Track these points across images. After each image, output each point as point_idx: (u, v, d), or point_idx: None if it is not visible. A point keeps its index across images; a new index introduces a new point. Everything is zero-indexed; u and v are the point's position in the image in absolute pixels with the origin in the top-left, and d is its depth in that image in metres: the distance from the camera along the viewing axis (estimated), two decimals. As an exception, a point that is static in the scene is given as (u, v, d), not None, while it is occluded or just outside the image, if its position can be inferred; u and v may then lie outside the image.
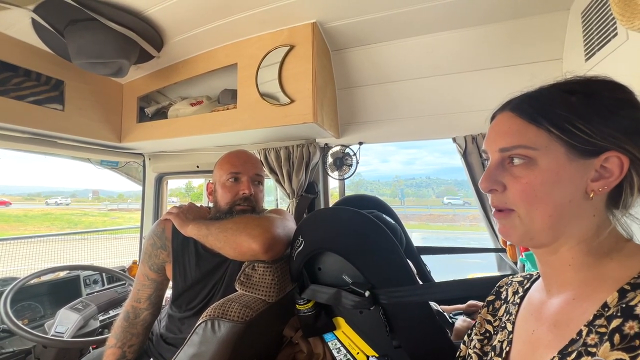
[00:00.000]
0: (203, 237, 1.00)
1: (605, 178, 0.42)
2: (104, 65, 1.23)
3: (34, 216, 21.45)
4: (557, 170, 0.43)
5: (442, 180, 26.37)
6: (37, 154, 1.71)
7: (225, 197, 1.08)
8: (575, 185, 0.43)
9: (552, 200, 0.43)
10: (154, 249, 1.10)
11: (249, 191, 1.07)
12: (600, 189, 0.42)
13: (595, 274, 0.44)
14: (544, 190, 0.43)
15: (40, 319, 1.57)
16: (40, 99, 1.33)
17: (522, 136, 0.45)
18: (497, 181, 0.47)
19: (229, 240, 0.96)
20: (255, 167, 1.13)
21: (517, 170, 0.45)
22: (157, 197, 2.12)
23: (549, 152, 0.43)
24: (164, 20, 1.22)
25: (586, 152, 0.42)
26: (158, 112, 1.71)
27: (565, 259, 0.46)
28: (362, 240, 0.89)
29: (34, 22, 1.15)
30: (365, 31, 1.26)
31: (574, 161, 0.42)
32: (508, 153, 0.46)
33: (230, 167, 1.10)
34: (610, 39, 0.86)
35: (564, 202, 0.43)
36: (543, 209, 0.44)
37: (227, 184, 1.09)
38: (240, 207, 1.08)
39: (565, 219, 0.44)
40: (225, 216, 1.07)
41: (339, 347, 0.95)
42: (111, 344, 1.07)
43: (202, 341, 0.80)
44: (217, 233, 0.97)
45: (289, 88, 1.24)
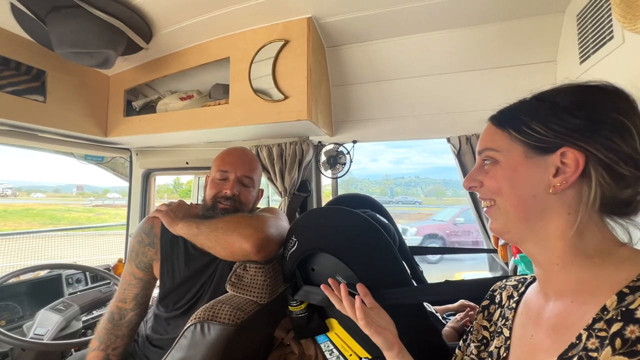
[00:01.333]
0: (193, 236, 0.97)
1: (564, 173, 0.44)
2: (89, 55, 1.17)
3: (15, 211, 20.73)
4: (515, 167, 0.49)
5: (430, 180, 26.73)
6: (17, 147, 1.63)
7: (210, 193, 1.08)
8: (536, 181, 0.47)
9: (515, 193, 0.49)
10: (141, 246, 1.07)
11: (230, 191, 1.06)
12: (559, 184, 0.44)
13: (590, 276, 0.44)
14: (507, 184, 0.49)
15: (18, 320, 1.50)
16: (20, 89, 1.26)
17: (490, 141, 0.53)
18: (475, 179, 0.55)
19: (220, 240, 0.93)
20: (245, 168, 1.10)
21: (487, 168, 0.53)
22: (144, 194, 2.06)
23: (509, 152, 0.50)
24: (153, 9, 1.17)
25: (541, 149, 0.46)
26: (146, 106, 1.65)
27: (551, 258, 0.47)
28: (356, 241, 0.87)
29: (13, 8, 1.08)
30: (361, 28, 1.25)
31: (531, 159, 0.47)
32: (482, 155, 0.54)
33: (220, 164, 1.10)
34: (606, 42, 0.86)
35: (527, 197, 0.47)
36: (510, 201, 0.49)
37: (215, 180, 1.09)
38: (221, 205, 1.06)
39: (534, 214, 0.47)
40: (209, 212, 1.05)
41: (332, 349, 0.93)
42: (94, 346, 1.02)
43: (190, 345, 0.77)
44: (208, 232, 0.94)
45: (283, 84, 1.21)
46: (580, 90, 0.47)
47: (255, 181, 1.14)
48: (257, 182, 1.16)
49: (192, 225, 0.98)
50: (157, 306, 1.08)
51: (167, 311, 1.04)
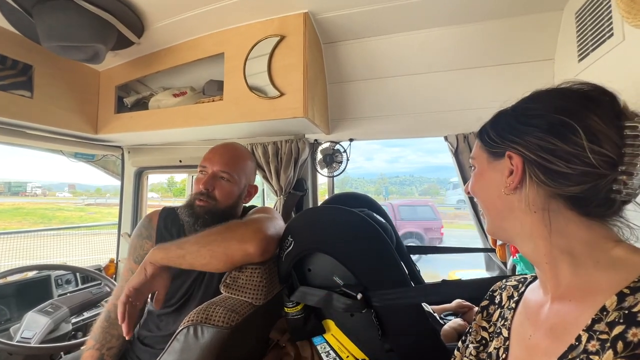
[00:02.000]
0: (178, 258, 0.88)
1: (513, 174, 0.48)
2: (78, 49, 1.13)
3: (4, 210, 20.34)
4: (482, 172, 0.55)
5: (425, 179, 26.94)
6: (3, 144, 1.58)
7: (194, 189, 1.07)
8: (496, 183, 0.51)
9: (483, 195, 0.55)
10: (139, 240, 1.09)
11: (203, 186, 1.02)
12: (507, 185, 0.49)
13: (585, 275, 0.43)
14: (477, 187, 0.56)
15: (5, 322, 1.46)
16: (5, 84, 1.22)
17: (475, 149, 0.58)
18: (469, 185, 0.59)
19: (217, 253, 0.87)
20: (222, 163, 1.05)
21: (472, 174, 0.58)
22: (137, 193, 2.02)
23: (479, 159, 0.55)
24: (145, 2, 1.13)
25: (495, 154, 0.51)
26: (138, 102, 1.61)
27: (539, 257, 0.48)
28: (354, 241, 0.86)
29: (-3, -1, 1.04)
30: (359, 24, 1.23)
31: (491, 163, 0.53)
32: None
33: (202, 162, 1.08)
34: (605, 40, 0.86)
35: (492, 197, 0.52)
36: (482, 202, 0.56)
37: (198, 176, 1.08)
38: (198, 202, 1.02)
39: (503, 213, 0.51)
40: (188, 210, 1.02)
41: (328, 351, 0.91)
42: (89, 345, 1.00)
43: (183, 348, 0.75)
44: (197, 249, 0.87)
45: (278, 80, 1.19)
46: (532, 96, 0.50)
47: (234, 177, 1.06)
48: (238, 177, 1.08)
49: (172, 248, 0.89)
50: (150, 303, 1.07)
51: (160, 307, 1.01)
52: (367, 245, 0.85)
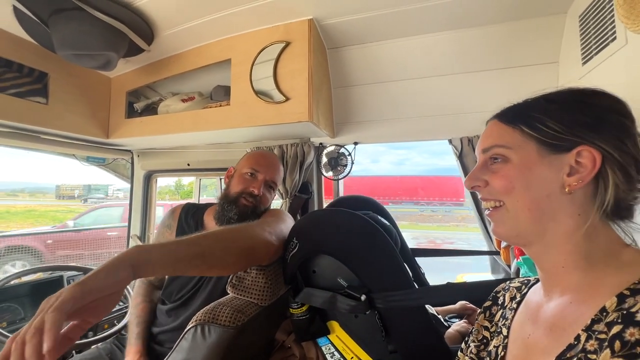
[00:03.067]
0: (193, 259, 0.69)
1: (580, 173, 0.44)
2: (91, 57, 1.17)
3: (17, 213, 20.80)
4: (529, 165, 0.47)
5: (432, 181, 26.72)
6: (20, 149, 1.63)
7: (237, 187, 1.13)
8: (550, 180, 0.45)
9: (529, 193, 0.46)
10: (162, 227, 1.23)
11: (257, 190, 1.11)
12: (575, 183, 0.44)
13: (592, 277, 0.44)
14: (520, 183, 0.47)
15: (20, 321, 1.50)
16: (23, 91, 1.27)
17: (500, 137, 0.50)
18: (478, 178, 0.52)
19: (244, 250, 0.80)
20: (273, 173, 1.18)
21: (495, 167, 0.50)
22: (146, 195, 2.06)
23: (521, 149, 0.47)
24: (155, 12, 1.17)
25: (557, 147, 0.45)
26: (148, 107, 1.66)
27: (557, 260, 0.46)
28: (358, 243, 0.87)
29: (15, 10, 1.09)
30: (363, 29, 1.24)
31: (545, 157, 0.46)
32: (488, 153, 0.51)
33: (253, 163, 1.16)
34: (609, 43, 0.86)
35: (540, 196, 0.46)
36: (522, 201, 0.47)
37: (244, 175, 1.14)
38: (244, 201, 1.11)
39: (547, 214, 0.46)
40: (229, 206, 1.10)
41: (333, 352, 0.92)
42: (138, 301, 1.17)
43: (191, 347, 0.77)
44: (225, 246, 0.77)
45: (284, 85, 1.21)
46: (587, 93, 0.47)
47: (276, 187, 1.22)
48: (276, 189, 1.24)
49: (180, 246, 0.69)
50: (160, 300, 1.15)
51: (169, 301, 1.10)
52: (371, 247, 0.86)
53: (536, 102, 0.49)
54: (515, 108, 0.52)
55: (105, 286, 0.56)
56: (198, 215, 1.22)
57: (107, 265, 0.58)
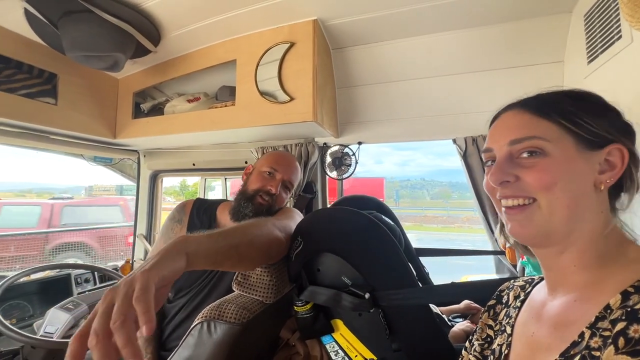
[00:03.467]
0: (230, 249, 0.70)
1: (610, 170, 0.44)
2: (99, 58, 1.20)
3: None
4: (568, 160, 0.44)
5: (437, 182, 26.59)
6: (29, 149, 1.67)
7: (255, 184, 1.14)
8: (585, 178, 0.44)
9: (569, 190, 0.44)
10: (171, 222, 1.20)
11: (274, 189, 1.12)
12: (608, 181, 0.43)
13: (598, 275, 0.44)
14: (562, 178, 0.44)
15: (29, 318, 1.53)
16: (33, 92, 1.29)
17: (534, 128, 0.46)
18: (508, 173, 0.46)
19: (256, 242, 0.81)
20: (291, 174, 1.19)
21: (530, 161, 0.45)
22: (152, 195, 2.08)
23: (560, 143, 0.44)
24: (162, 14, 1.19)
25: (593, 144, 0.44)
26: (154, 108, 1.68)
27: (571, 259, 0.46)
28: (361, 242, 0.87)
29: (26, 13, 1.11)
30: (367, 30, 1.25)
31: (582, 153, 0.44)
32: (520, 145, 0.46)
33: (272, 162, 1.17)
34: (614, 42, 0.86)
35: (578, 194, 0.44)
36: (562, 198, 0.43)
37: (262, 174, 1.15)
38: (260, 199, 1.12)
39: (581, 213, 0.44)
40: (246, 202, 1.11)
41: (337, 350, 0.93)
42: None
43: (197, 343, 0.78)
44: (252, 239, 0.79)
45: (288, 86, 1.22)
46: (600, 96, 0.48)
47: (293, 189, 1.24)
48: (292, 190, 1.25)
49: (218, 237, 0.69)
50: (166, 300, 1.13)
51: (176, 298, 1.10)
52: (375, 246, 0.86)
53: (559, 96, 0.48)
54: (541, 99, 0.49)
55: (172, 272, 0.52)
56: (210, 211, 1.22)
57: (167, 252, 0.54)
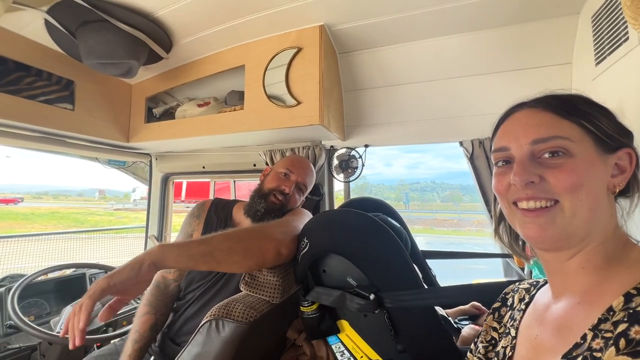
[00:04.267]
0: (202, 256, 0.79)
1: (620, 174, 0.44)
2: (114, 65, 1.24)
3: (42, 214, 21.74)
4: (592, 161, 0.43)
5: (447, 185, 26.27)
6: (47, 152, 1.73)
7: (271, 184, 1.18)
8: (603, 180, 0.44)
9: (593, 191, 0.43)
10: (190, 218, 1.25)
11: (288, 189, 1.16)
12: (621, 184, 0.44)
13: (603, 278, 0.44)
14: (588, 180, 0.42)
15: (46, 315, 1.58)
16: (51, 98, 1.35)
17: (557, 128, 0.45)
18: (533, 173, 0.45)
19: (252, 250, 0.85)
20: (305, 177, 1.23)
21: (555, 161, 0.44)
22: (163, 197, 2.13)
23: (582, 144, 0.44)
24: (173, 22, 1.23)
25: (609, 147, 0.44)
26: (166, 112, 1.73)
27: (580, 262, 0.45)
28: (367, 243, 0.88)
29: (46, 23, 1.17)
30: (373, 34, 1.27)
31: (601, 156, 0.44)
32: (544, 145, 0.45)
33: (289, 164, 1.22)
34: (622, 44, 0.85)
35: (599, 197, 0.43)
36: (587, 200, 0.42)
37: (279, 174, 1.20)
38: (274, 198, 1.16)
39: (599, 216, 0.44)
40: (259, 200, 1.15)
41: (343, 350, 0.94)
42: (144, 311, 1.11)
43: (206, 341, 0.80)
44: (231, 245, 0.83)
45: (295, 90, 1.25)
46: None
47: (307, 191, 1.27)
48: (306, 193, 1.28)
49: (191, 245, 0.81)
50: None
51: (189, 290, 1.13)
52: (379, 247, 0.87)
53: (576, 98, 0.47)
54: (560, 99, 0.47)
55: (128, 279, 0.71)
56: (227, 209, 1.27)
57: (131, 262, 0.73)
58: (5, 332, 1.41)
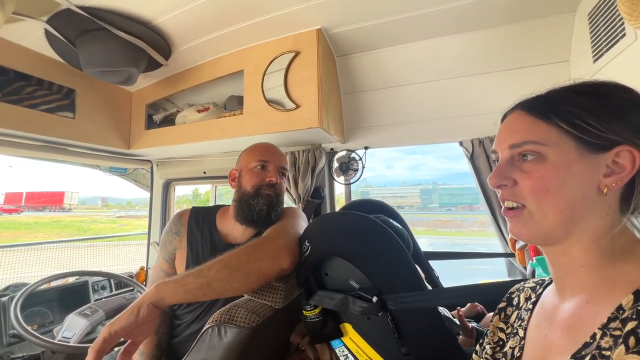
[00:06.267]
0: (200, 289, 0.79)
1: (617, 173, 0.42)
2: (114, 73, 1.25)
3: (44, 223, 21.82)
4: (567, 164, 0.43)
5: (448, 186, 26.26)
6: (49, 161, 1.74)
7: (252, 181, 1.08)
8: (587, 181, 0.43)
9: (563, 195, 0.43)
10: (169, 235, 1.14)
11: (275, 179, 1.08)
12: (613, 185, 0.42)
13: (609, 276, 0.43)
14: (556, 184, 0.43)
15: (49, 324, 1.58)
16: (52, 107, 1.36)
17: (532, 132, 0.46)
18: (506, 177, 0.47)
19: (251, 274, 0.84)
20: (281, 160, 1.14)
21: (528, 166, 0.46)
22: (165, 204, 2.14)
23: (559, 147, 0.44)
24: (172, 29, 1.24)
25: (597, 146, 0.43)
26: (166, 119, 1.74)
27: (577, 259, 0.45)
28: (368, 245, 0.88)
29: (46, 33, 1.18)
30: (370, 36, 1.27)
31: (585, 156, 0.43)
32: (518, 149, 0.47)
33: (259, 155, 1.11)
34: (619, 40, 0.85)
35: (576, 198, 0.43)
36: (555, 203, 0.44)
37: (254, 170, 1.09)
38: (266, 191, 1.07)
39: (578, 216, 0.44)
40: (253, 200, 1.06)
41: (347, 354, 0.93)
42: None
43: (208, 347, 0.79)
44: (230, 274, 0.82)
45: (294, 94, 1.25)
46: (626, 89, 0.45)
47: (286, 174, 1.19)
48: (287, 175, 1.20)
49: (188, 279, 0.80)
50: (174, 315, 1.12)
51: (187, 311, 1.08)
52: (381, 249, 0.86)
53: (566, 94, 0.46)
54: (543, 99, 0.48)
55: (130, 324, 0.72)
56: (209, 218, 1.16)
57: (130, 306, 0.74)
58: (8, 342, 1.41)
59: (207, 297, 0.82)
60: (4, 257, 3.88)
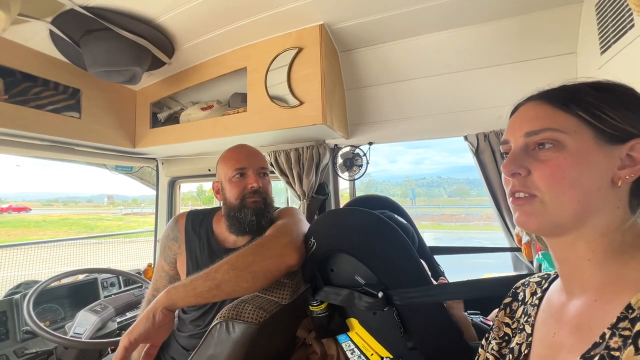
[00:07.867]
0: (209, 291, 0.81)
1: (631, 166, 0.42)
2: (118, 73, 1.26)
3: (53, 221, 22.14)
4: (586, 154, 0.43)
5: (453, 180, 26.10)
6: (56, 160, 1.77)
7: (234, 193, 1.06)
8: (603, 172, 0.43)
9: (581, 185, 0.43)
10: (167, 240, 1.15)
11: (257, 184, 1.05)
12: (627, 177, 0.42)
13: (616, 273, 0.43)
14: (574, 174, 0.43)
15: (61, 320, 1.61)
16: (59, 107, 1.38)
17: (551, 120, 0.45)
18: (521, 165, 0.46)
19: (259, 274, 0.85)
20: (258, 160, 1.10)
21: (544, 154, 0.45)
22: (170, 201, 2.16)
23: (577, 136, 0.43)
24: (175, 27, 1.24)
25: (613, 138, 0.43)
26: (170, 117, 1.74)
27: (583, 253, 0.45)
28: (374, 241, 0.88)
29: (51, 34, 1.19)
30: (373, 31, 1.26)
31: (602, 147, 0.43)
32: (535, 137, 0.46)
33: (234, 163, 1.07)
34: (627, 31, 0.84)
35: (592, 189, 0.43)
36: (571, 194, 0.43)
37: (233, 180, 1.06)
38: (251, 199, 1.05)
39: (592, 208, 0.43)
40: (239, 212, 1.05)
41: (353, 349, 0.94)
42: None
43: (217, 342, 0.81)
44: (237, 274, 0.83)
45: (298, 90, 1.25)
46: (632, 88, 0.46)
47: (269, 172, 1.15)
48: (269, 171, 1.16)
49: (196, 282, 0.82)
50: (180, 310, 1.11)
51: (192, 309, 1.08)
52: (386, 244, 0.87)
53: (583, 87, 0.46)
54: (561, 91, 0.47)
55: (147, 330, 0.76)
56: (206, 222, 1.15)
57: (145, 313, 0.79)
58: (22, 338, 1.45)
59: (218, 298, 0.84)
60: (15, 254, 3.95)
